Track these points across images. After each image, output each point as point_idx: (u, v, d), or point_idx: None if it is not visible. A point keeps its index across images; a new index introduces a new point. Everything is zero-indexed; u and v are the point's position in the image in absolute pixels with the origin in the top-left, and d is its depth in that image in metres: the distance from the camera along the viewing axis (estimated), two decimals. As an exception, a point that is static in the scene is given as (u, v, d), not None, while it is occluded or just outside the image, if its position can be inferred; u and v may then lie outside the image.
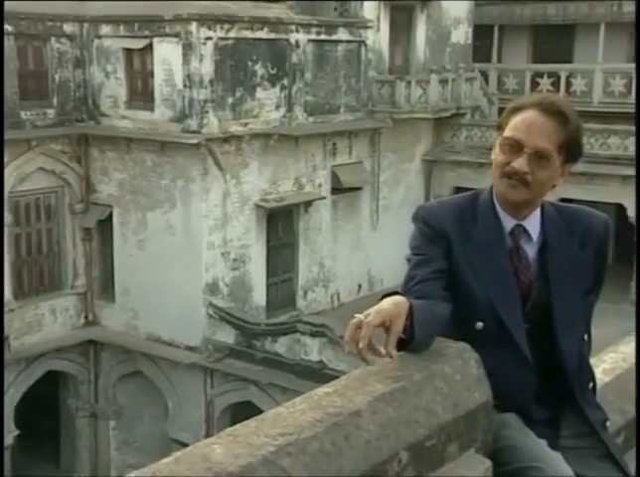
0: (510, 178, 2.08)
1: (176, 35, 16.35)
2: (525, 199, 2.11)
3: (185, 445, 1.58)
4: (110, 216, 17.87)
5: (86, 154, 17.92)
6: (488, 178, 2.25)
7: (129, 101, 17.48)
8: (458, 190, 18.44)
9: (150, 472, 1.42)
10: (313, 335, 15.45)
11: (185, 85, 16.41)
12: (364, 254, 20.22)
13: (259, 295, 17.95)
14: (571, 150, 2.10)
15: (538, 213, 2.18)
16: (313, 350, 15.45)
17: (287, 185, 18.18)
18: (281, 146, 17.77)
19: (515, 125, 2.08)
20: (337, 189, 19.25)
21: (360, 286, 20.25)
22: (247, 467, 1.46)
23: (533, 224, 2.16)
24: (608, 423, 2.22)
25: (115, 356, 18.08)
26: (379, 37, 19.75)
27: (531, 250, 2.16)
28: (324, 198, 18.91)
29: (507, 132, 2.10)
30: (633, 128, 19.56)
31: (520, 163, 2.06)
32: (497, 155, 2.12)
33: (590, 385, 2.23)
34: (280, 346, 15.82)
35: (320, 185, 18.93)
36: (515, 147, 2.07)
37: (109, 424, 18.56)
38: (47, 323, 17.57)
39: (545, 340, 2.13)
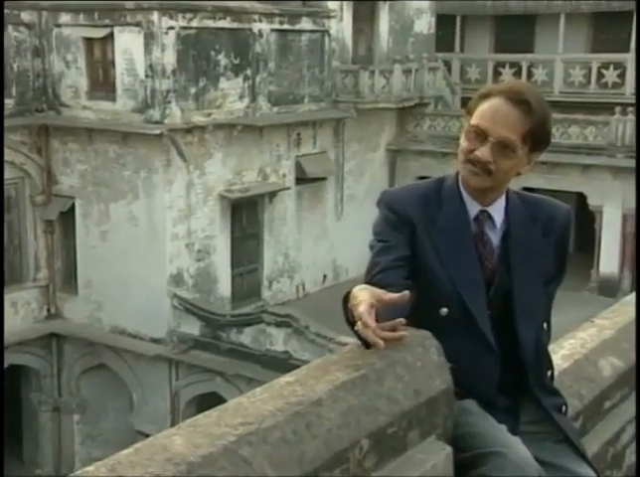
0: (473, 165, 2.09)
1: (137, 24, 16.17)
2: (487, 186, 2.12)
3: (150, 438, 1.58)
4: (72, 207, 17.66)
5: (47, 145, 17.67)
6: (452, 167, 2.25)
7: (90, 91, 17.27)
8: (422, 179, 18.55)
9: (110, 463, 1.41)
10: (278, 325, 15.45)
11: (147, 75, 16.25)
12: (329, 244, 20.25)
13: (224, 286, 17.90)
14: (537, 139, 2.10)
15: (502, 200, 2.18)
16: (279, 340, 15.45)
17: (252, 175, 18.12)
18: (245, 136, 17.70)
19: (481, 113, 2.08)
20: (301, 179, 19.23)
21: (325, 276, 20.29)
22: (208, 457, 1.46)
23: (497, 210, 2.17)
24: (565, 408, 2.25)
25: (79, 349, 17.91)
26: (342, 27, 19.74)
27: (494, 237, 2.17)
28: (288, 188, 18.89)
29: (473, 120, 2.10)
30: (593, 118, 19.84)
31: (483, 152, 2.06)
32: (463, 141, 2.13)
33: (549, 373, 2.25)
34: (246, 337, 15.81)
35: (284, 175, 18.90)
36: (480, 135, 2.08)
37: (73, 418, 18.41)
38: (8, 316, 17.30)
39: (505, 327, 2.14)
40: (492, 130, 2.05)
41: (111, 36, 16.58)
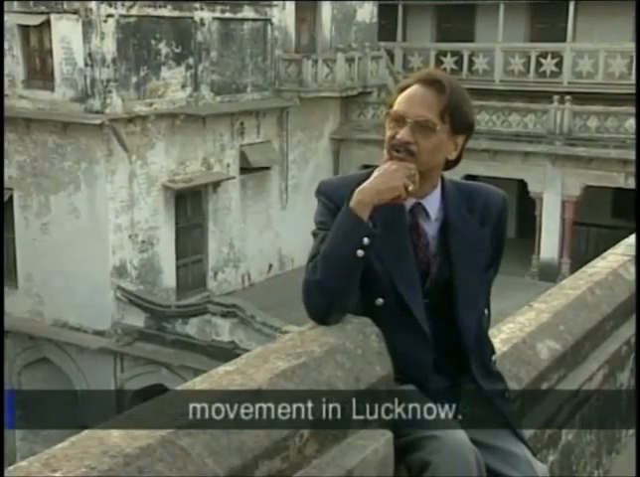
0: (397, 152, 2.10)
1: (75, 12, 15.85)
2: None
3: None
4: (11, 199, 17.29)
5: (-17, 135, 17.23)
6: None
7: (28, 80, 16.89)
8: (366, 168, 18.59)
9: (44, 457, 1.39)
10: (224, 316, 15.40)
11: (86, 64, 15.96)
12: (274, 234, 20.23)
13: (169, 277, 17.75)
14: (456, 119, 2.10)
15: (438, 190, 2.18)
16: (224, 330, 15.40)
17: (195, 165, 17.98)
18: (188, 126, 17.54)
19: (398, 101, 2.13)
20: (246, 169, 19.15)
21: (270, 266, 20.27)
22: (146, 449, 1.45)
23: (432, 202, 2.17)
24: (507, 394, 2.29)
25: (20, 343, 17.58)
26: (284, 15, 19.66)
27: (430, 228, 2.17)
28: (233, 178, 18.79)
29: (392, 108, 2.14)
30: (532, 106, 20.17)
31: (402, 133, 2.08)
32: (386, 133, 2.15)
33: (493, 357, 2.28)
34: (191, 327, 15.71)
35: (229, 165, 18.79)
36: (399, 121, 2.10)
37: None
38: (-54, 312, 16.90)
39: (445, 314, 2.16)
40: (408, 112, 2.08)
41: (48, 23, 16.22)
